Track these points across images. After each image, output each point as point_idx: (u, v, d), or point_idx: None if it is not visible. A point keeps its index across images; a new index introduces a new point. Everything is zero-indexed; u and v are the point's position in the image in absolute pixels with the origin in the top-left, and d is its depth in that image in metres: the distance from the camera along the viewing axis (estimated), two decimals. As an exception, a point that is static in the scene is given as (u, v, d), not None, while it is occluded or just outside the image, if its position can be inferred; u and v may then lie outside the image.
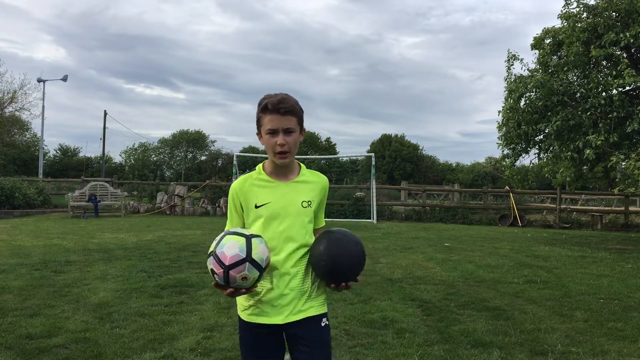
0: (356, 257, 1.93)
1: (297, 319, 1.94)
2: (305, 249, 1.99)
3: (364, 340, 4.22)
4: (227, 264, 1.76)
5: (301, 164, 2.08)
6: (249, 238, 1.80)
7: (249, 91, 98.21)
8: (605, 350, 4.11)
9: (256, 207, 1.96)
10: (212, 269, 1.80)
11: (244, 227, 2.01)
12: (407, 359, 3.83)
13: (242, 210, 2.01)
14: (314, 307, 1.99)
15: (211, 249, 1.82)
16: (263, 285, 1.94)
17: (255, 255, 1.77)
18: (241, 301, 2.01)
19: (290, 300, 1.94)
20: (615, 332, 4.58)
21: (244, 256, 1.76)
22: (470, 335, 4.37)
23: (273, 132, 1.91)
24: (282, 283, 1.94)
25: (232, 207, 2.04)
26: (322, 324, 1.99)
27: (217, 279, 1.80)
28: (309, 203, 2.00)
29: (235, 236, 1.81)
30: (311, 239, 2.01)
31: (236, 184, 2.01)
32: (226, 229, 1.98)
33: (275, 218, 1.95)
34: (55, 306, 5.05)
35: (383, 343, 4.16)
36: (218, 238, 1.84)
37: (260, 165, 2.04)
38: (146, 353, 3.82)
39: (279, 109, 1.88)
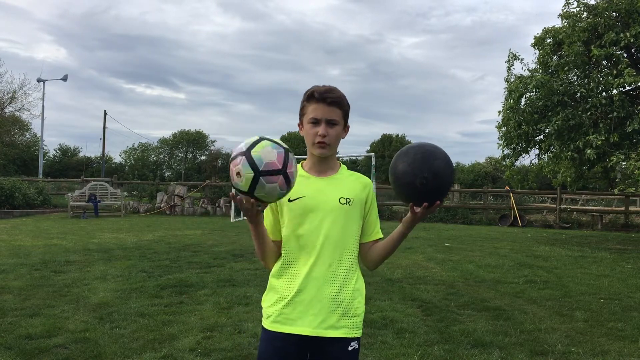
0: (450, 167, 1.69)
1: (326, 335, 1.75)
2: (345, 253, 1.82)
3: (364, 340, 4.21)
4: (279, 167, 1.59)
5: (342, 165, 1.96)
6: (263, 139, 1.62)
7: (250, 91, 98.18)
8: (605, 350, 4.11)
9: (289, 201, 1.83)
10: (267, 185, 1.59)
11: (277, 226, 1.88)
12: (407, 359, 3.83)
13: (277, 206, 1.86)
14: (347, 328, 1.78)
15: (249, 169, 1.59)
16: (291, 288, 1.78)
17: (254, 152, 1.58)
18: (266, 307, 1.85)
19: (320, 310, 1.75)
20: (616, 332, 4.58)
21: (244, 150, 1.60)
22: (470, 335, 4.37)
23: (316, 122, 1.81)
24: (313, 287, 1.76)
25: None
26: (350, 348, 1.78)
27: (277, 189, 1.61)
28: (348, 200, 1.84)
29: (268, 142, 1.62)
30: (354, 246, 1.85)
31: None
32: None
33: (309, 213, 1.81)
34: (55, 306, 5.05)
35: (383, 343, 4.15)
36: (246, 151, 1.61)
37: (299, 164, 1.89)
38: (146, 353, 3.82)
39: (325, 99, 1.80)
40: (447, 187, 1.68)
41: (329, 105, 1.80)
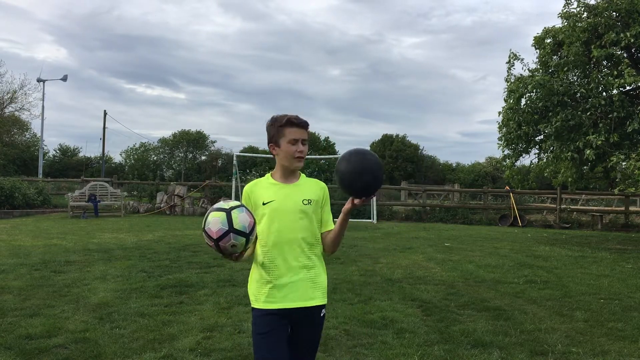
0: (379, 168, 2.17)
1: (307, 305, 2.26)
2: (310, 244, 2.31)
3: (364, 340, 4.22)
4: (214, 237, 2.07)
5: (301, 173, 2.43)
6: (228, 212, 2.10)
7: (250, 91, 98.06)
8: (605, 350, 4.11)
9: (263, 204, 2.31)
10: (207, 243, 2.12)
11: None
12: (407, 359, 3.83)
13: (252, 208, 2.32)
14: (318, 298, 2.30)
15: (202, 226, 2.12)
16: (273, 273, 2.25)
17: (236, 225, 2.08)
18: (254, 292, 2.31)
19: (297, 289, 2.25)
20: (616, 332, 4.58)
21: (227, 228, 2.06)
22: (471, 336, 4.37)
23: (295, 142, 2.28)
24: (289, 273, 2.25)
25: (245, 204, 2.36)
26: (322, 314, 2.32)
27: (213, 250, 2.11)
28: (309, 201, 2.32)
29: (217, 212, 2.11)
30: (316, 237, 2.34)
31: (248, 186, 2.40)
32: None
33: (279, 214, 2.28)
34: (55, 306, 5.05)
35: (383, 343, 4.15)
36: (205, 216, 2.13)
37: (269, 173, 2.42)
38: (146, 353, 3.82)
39: (301, 123, 2.30)
40: (375, 188, 2.15)
41: (304, 128, 2.32)
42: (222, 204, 2.15)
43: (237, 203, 2.16)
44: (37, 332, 4.24)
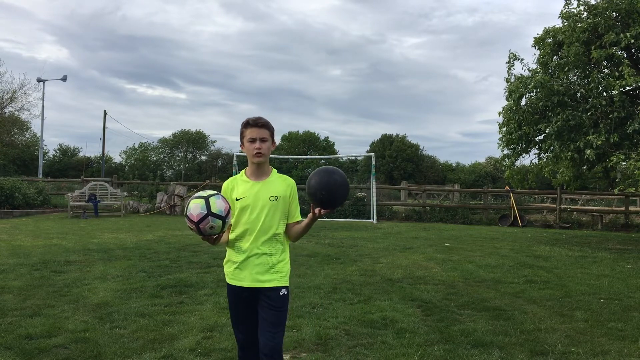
0: (346, 188, 2.55)
1: (263, 286, 2.61)
2: (273, 235, 2.63)
3: (364, 340, 4.22)
4: (195, 220, 2.39)
5: (273, 169, 2.74)
6: (207, 198, 2.42)
7: (251, 91, 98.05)
8: (605, 350, 4.11)
9: (236, 199, 2.65)
10: (189, 226, 2.43)
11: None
12: (407, 359, 3.83)
13: (229, 201, 2.61)
14: (277, 280, 2.63)
15: (184, 212, 2.43)
16: (238, 257, 2.63)
17: (214, 209, 2.40)
18: (225, 270, 2.73)
19: (258, 272, 2.61)
20: (616, 332, 4.58)
21: (206, 212, 2.39)
22: (471, 335, 4.37)
23: (253, 140, 2.61)
24: (253, 258, 2.61)
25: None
26: (281, 293, 2.63)
27: (195, 233, 2.42)
28: (276, 197, 2.64)
29: (197, 199, 2.43)
30: (278, 229, 2.65)
31: (226, 183, 2.74)
32: None
33: (248, 208, 2.63)
34: (55, 306, 5.05)
35: (383, 343, 4.15)
36: (187, 203, 2.45)
37: (243, 170, 2.75)
38: (146, 353, 3.82)
39: (257, 124, 2.62)
40: (337, 203, 2.52)
41: (260, 127, 2.63)
42: (201, 193, 2.47)
43: (214, 192, 2.47)
44: (37, 332, 4.24)
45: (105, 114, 41.12)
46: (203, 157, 55.81)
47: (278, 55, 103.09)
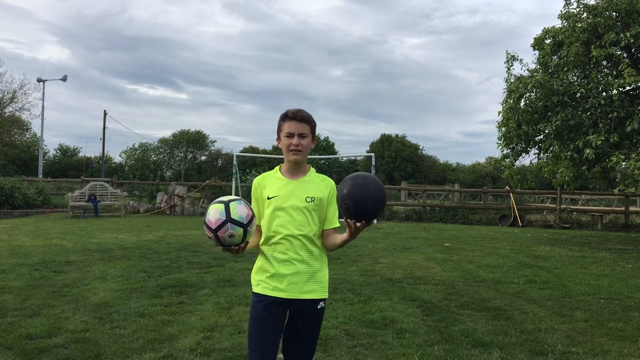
0: (377, 200, 2.14)
1: (302, 297, 2.32)
2: (310, 240, 2.34)
3: (364, 340, 4.22)
4: (213, 228, 2.14)
5: (311, 168, 2.45)
6: (227, 203, 2.18)
7: (252, 92, 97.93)
8: (605, 350, 4.11)
9: (268, 198, 2.37)
10: (207, 235, 2.18)
11: (259, 213, 2.42)
12: (407, 359, 3.83)
13: (261, 200, 2.41)
14: (317, 291, 2.35)
15: (203, 219, 2.19)
16: (272, 265, 2.33)
17: (234, 215, 2.14)
18: (255, 278, 2.40)
19: (297, 281, 2.31)
20: (616, 332, 4.58)
21: (225, 218, 2.14)
22: (471, 336, 4.37)
23: (291, 135, 2.33)
24: (289, 265, 2.32)
25: (253, 196, 2.47)
26: (319, 307, 2.37)
27: (214, 242, 2.17)
28: (313, 199, 2.35)
29: (216, 204, 2.19)
30: (316, 234, 2.36)
31: (257, 179, 2.46)
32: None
33: (282, 209, 2.34)
34: (55, 306, 5.05)
35: (383, 343, 4.15)
36: (206, 209, 2.26)
37: (278, 166, 2.46)
38: (146, 353, 3.82)
39: (297, 117, 2.33)
40: (372, 215, 2.13)
41: (299, 122, 2.34)
42: (221, 198, 2.23)
43: (236, 197, 2.24)
44: (37, 332, 4.23)
45: (105, 114, 41.13)
46: (203, 157, 55.80)
47: (279, 55, 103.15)
